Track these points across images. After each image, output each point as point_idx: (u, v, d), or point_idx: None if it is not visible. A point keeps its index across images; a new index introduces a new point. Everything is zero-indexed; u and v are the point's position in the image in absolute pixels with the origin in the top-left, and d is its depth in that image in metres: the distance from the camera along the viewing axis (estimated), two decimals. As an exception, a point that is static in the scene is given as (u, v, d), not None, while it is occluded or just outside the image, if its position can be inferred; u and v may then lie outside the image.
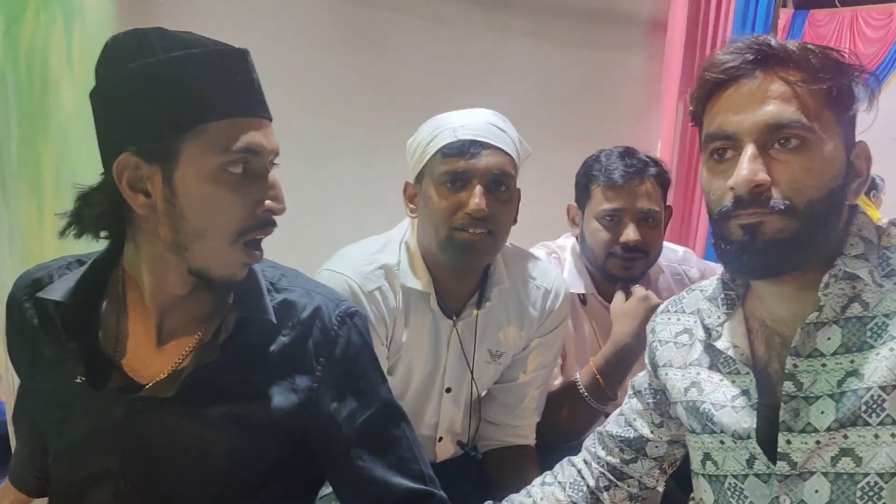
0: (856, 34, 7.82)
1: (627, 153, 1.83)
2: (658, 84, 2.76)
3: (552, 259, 1.94)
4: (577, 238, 1.94)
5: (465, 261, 1.54)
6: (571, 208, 1.93)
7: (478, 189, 1.47)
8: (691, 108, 1.12)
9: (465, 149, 1.47)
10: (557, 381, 1.86)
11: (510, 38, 2.42)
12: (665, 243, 1.93)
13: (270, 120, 1.03)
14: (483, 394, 1.75)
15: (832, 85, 1.00)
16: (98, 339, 1.06)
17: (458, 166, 1.47)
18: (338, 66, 2.13)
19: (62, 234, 1.04)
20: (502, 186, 1.51)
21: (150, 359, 1.06)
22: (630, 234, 1.76)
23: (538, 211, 1.86)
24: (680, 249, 2.11)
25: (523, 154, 1.58)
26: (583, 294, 1.91)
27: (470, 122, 1.51)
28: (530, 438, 1.77)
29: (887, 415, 0.97)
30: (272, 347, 1.09)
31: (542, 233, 2.08)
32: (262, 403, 1.07)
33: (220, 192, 0.97)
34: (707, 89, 1.06)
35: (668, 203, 1.90)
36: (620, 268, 1.80)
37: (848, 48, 5.89)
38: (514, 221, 1.59)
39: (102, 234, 1.05)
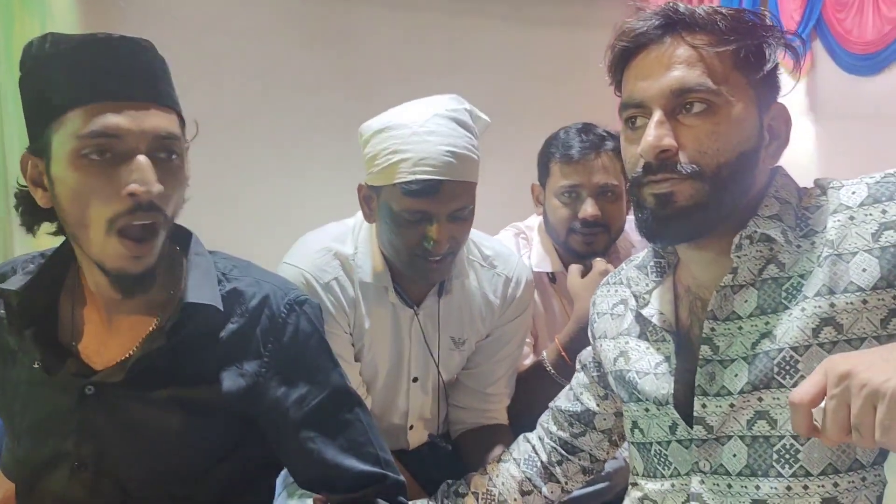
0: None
1: (585, 129, 1.83)
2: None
3: (520, 239, 1.95)
4: (542, 217, 1.94)
5: (427, 278, 1.56)
6: (535, 188, 1.94)
7: (436, 227, 1.45)
8: (608, 78, 1.12)
9: (425, 190, 1.43)
10: (528, 361, 1.87)
11: (485, 22, 2.43)
12: (631, 220, 1.93)
13: (157, 102, 1.01)
14: (450, 380, 1.76)
15: (739, 46, 1.00)
16: (56, 327, 1.11)
17: (418, 206, 1.45)
18: (309, 59, 2.17)
19: (26, 230, 1.10)
20: (463, 212, 1.50)
21: (105, 346, 1.10)
22: (588, 208, 1.77)
23: (522, 192, 1.86)
24: None
25: (482, 128, 1.56)
26: (551, 272, 1.91)
27: (431, 152, 1.43)
28: (502, 418, 1.78)
29: (801, 376, 0.97)
30: (220, 334, 1.11)
31: (520, 214, 2.10)
32: (209, 387, 1.10)
33: (82, 178, 0.97)
34: (619, 57, 1.07)
35: None
36: (582, 243, 1.81)
37: (871, 13, 5.67)
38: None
39: (47, 228, 1.10)
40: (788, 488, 0.98)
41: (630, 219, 1.94)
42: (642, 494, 1.15)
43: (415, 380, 1.70)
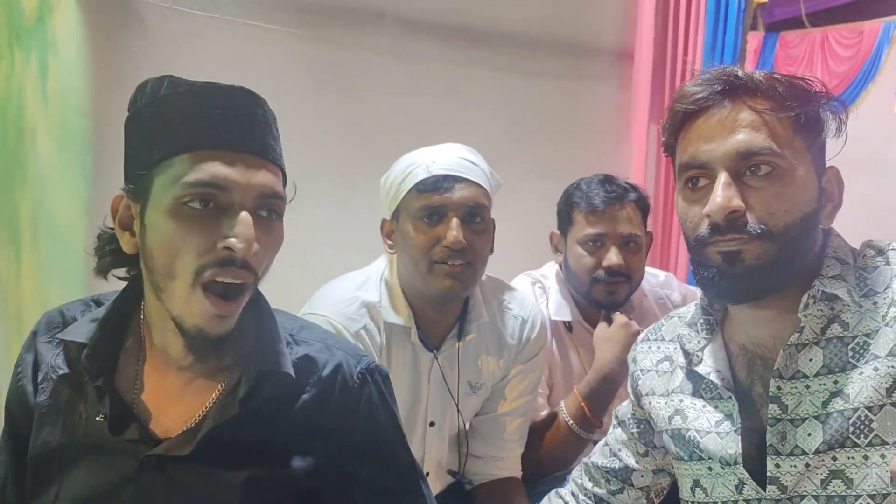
0: (827, 54, 7.91)
1: (607, 180, 1.86)
2: (628, 113, 2.78)
3: (536, 288, 1.96)
4: (560, 265, 1.95)
5: (447, 293, 1.55)
6: (554, 236, 1.96)
7: (454, 222, 1.50)
8: (663, 139, 1.14)
9: (439, 184, 1.50)
10: (545, 412, 1.87)
11: (482, 73, 2.45)
12: (647, 268, 1.96)
13: (267, 158, 0.98)
14: (467, 426, 1.75)
15: (800, 112, 1.03)
16: (116, 382, 1.03)
17: (433, 201, 1.50)
18: (311, 108, 2.15)
19: (96, 273, 1.06)
20: (478, 218, 1.53)
21: (166, 410, 1.03)
22: (613, 258, 1.79)
23: (517, 242, 1.88)
24: (661, 274, 2.13)
25: (495, 185, 1.61)
26: (569, 321, 1.92)
27: (442, 157, 1.54)
28: (515, 470, 1.77)
29: (875, 435, 0.98)
30: (293, 404, 1.04)
31: (521, 263, 2.10)
32: (280, 464, 1.03)
33: (178, 226, 0.92)
34: (678, 120, 1.09)
35: (647, 229, 1.93)
36: (604, 293, 1.82)
37: (820, 68, 5.97)
38: (491, 251, 1.62)
39: (120, 273, 1.06)
40: None
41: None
42: None
43: (431, 424, 1.69)
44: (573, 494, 1.40)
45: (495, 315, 1.70)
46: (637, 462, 1.33)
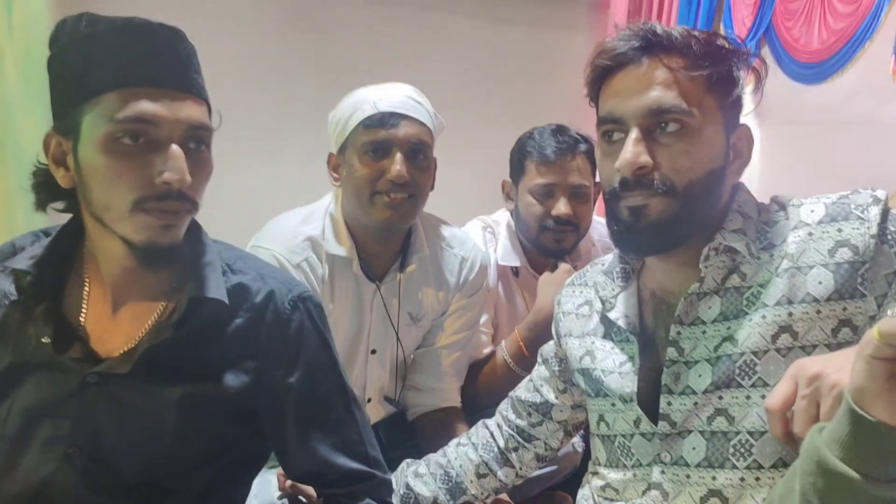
0: (826, 10, 7.78)
1: (559, 130, 1.91)
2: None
3: (487, 233, 2.01)
4: (511, 213, 2.01)
5: (387, 223, 1.62)
6: (506, 184, 2.01)
7: (398, 157, 1.57)
8: (586, 93, 1.18)
9: (385, 120, 1.56)
10: (488, 350, 1.95)
11: (454, 18, 2.47)
12: (596, 218, 2.01)
13: (192, 92, 1.01)
14: (408, 356, 1.83)
15: (712, 72, 1.07)
16: (62, 306, 1.09)
17: (378, 136, 1.57)
18: (282, 48, 2.18)
19: (35, 208, 1.09)
20: (420, 155, 1.61)
21: (108, 332, 1.09)
22: (562, 207, 1.85)
23: (486, 186, 1.91)
24: None
25: (438, 126, 1.67)
26: (516, 266, 1.99)
27: (388, 95, 1.59)
28: (455, 401, 1.86)
29: (759, 377, 1.06)
30: (226, 329, 1.11)
31: (483, 207, 2.16)
32: (214, 383, 1.10)
33: (112, 162, 0.97)
34: (598, 74, 1.13)
35: (597, 180, 1.98)
36: (552, 240, 1.89)
37: (818, 24, 5.93)
38: (432, 188, 1.69)
39: (59, 206, 1.09)
40: (742, 479, 1.07)
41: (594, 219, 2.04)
42: (604, 483, 1.23)
43: (373, 352, 1.77)
44: (497, 425, 1.48)
45: (436, 251, 1.78)
46: (557, 398, 1.40)
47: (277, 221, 1.71)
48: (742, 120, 1.16)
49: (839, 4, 7.75)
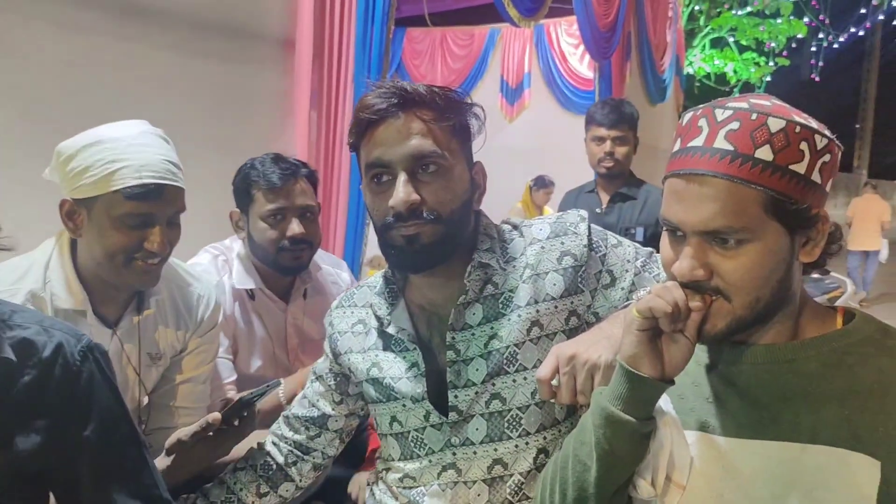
0: (446, 52, 8.83)
1: (278, 158, 2.02)
2: (291, 98, 2.95)
3: (220, 261, 2.05)
4: (243, 240, 2.07)
5: (143, 286, 1.62)
6: (235, 214, 2.07)
7: (158, 230, 1.55)
8: (350, 141, 1.36)
9: (149, 195, 1.52)
10: (232, 378, 1.99)
11: (149, 49, 2.45)
12: (320, 250, 2.17)
13: None
14: (145, 400, 1.79)
15: (455, 121, 1.32)
16: None
17: (142, 210, 1.53)
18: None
19: None
20: (178, 217, 1.62)
21: None
22: (295, 228, 1.97)
23: (198, 217, 1.94)
24: (335, 257, 2.41)
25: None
26: (251, 289, 2.06)
27: (151, 162, 1.54)
28: None
29: (520, 364, 1.32)
30: (12, 388, 1.06)
31: (204, 237, 2.16)
32: (3, 447, 1.04)
33: None
34: (363, 126, 1.31)
35: (319, 200, 2.13)
36: (291, 258, 2.00)
37: (440, 64, 6.71)
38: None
39: None
40: (516, 446, 1.33)
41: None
42: (402, 474, 1.40)
43: None
44: (274, 444, 1.58)
45: (172, 290, 1.77)
46: (333, 409, 1.55)
47: None
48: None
49: (455, 48, 8.85)
